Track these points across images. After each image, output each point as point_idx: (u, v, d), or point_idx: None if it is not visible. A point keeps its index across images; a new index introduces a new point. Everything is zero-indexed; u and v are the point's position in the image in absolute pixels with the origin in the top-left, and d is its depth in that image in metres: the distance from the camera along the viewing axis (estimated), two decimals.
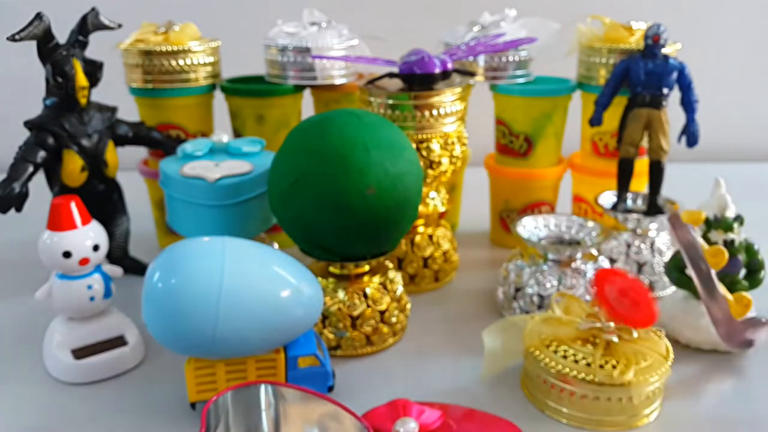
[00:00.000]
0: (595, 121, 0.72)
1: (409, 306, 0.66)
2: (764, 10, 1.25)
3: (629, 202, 0.76)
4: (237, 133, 0.84)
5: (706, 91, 1.26)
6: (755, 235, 0.65)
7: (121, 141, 0.74)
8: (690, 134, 0.70)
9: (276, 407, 0.45)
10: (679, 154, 1.28)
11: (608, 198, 0.76)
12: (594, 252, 0.68)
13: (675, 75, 0.68)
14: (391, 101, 0.68)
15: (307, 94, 0.85)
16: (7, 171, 0.66)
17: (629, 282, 0.54)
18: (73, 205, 0.57)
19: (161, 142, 0.78)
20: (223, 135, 0.72)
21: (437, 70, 0.68)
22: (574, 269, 0.65)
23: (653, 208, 0.74)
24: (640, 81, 0.68)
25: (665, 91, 0.68)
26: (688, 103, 0.70)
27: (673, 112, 0.72)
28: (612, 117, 0.79)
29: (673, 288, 0.71)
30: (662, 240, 0.72)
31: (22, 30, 0.64)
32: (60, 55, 0.67)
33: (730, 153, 1.30)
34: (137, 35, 0.79)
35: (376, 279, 0.62)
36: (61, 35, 0.68)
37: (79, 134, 0.69)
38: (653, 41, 0.67)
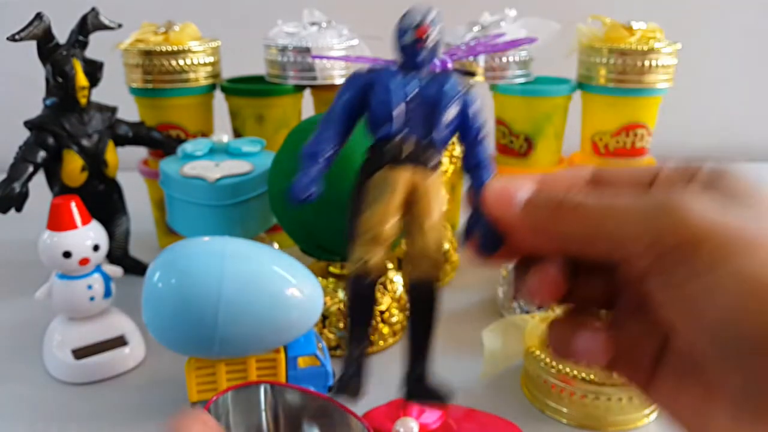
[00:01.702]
0: (297, 193, 0.35)
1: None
2: (764, 9, 1.25)
3: None
4: (237, 133, 0.84)
5: (706, 91, 1.27)
6: None
7: (121, 141, 0.74)
8: (482, 233, 0.31)
9: (276, 407, 0.45)
10: (678, 153, 1.28)
11: None
12: None
13: (456, 106, 0.34)
14: None
15: (307, 94, 0.85)
16: (7, 171, 0.66)
17: None
18: (73, 205, 0.57)
19: (161, 142, 0.78)
20: (223, 135, 0.72)
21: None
22: None
23: (418, 390, 0.36)
24: (389, 114, 0.33)
25: (439, 138, 0.33)
26: (475, 169, 0.35)
27: (671, 107, 0.71)
28: (612, 117, 0.80)
29: None
30: None
31: (22, 30, 0.64)
32: (60, 55, 0.67)
33: (730, 153, 1.30)
34: (137, 35, 0.79)
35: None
36: (61, 35, 0.68)
37: (79, 134, 0.69)
38: (416, 37, 0.33)
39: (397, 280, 0.64)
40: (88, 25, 0.69)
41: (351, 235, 0.32)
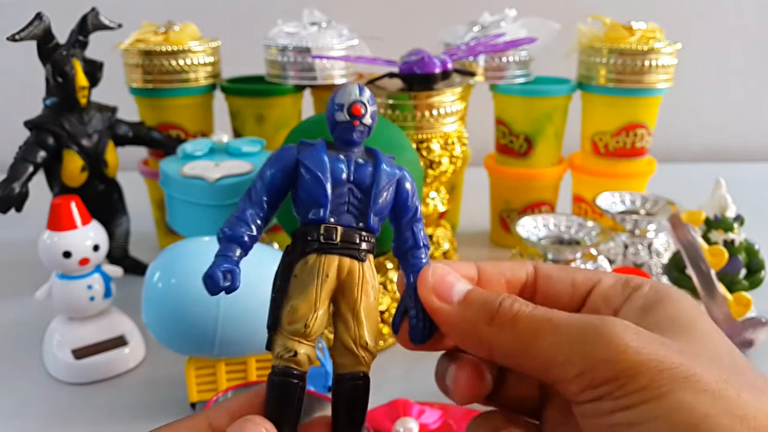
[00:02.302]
0: (213, 286, 0.29)
1: None
2: (764, 9, 1.25)
3: (627, 203, 0.76)
4: (237, 133, 0.84)
5: (706, 91, 1.27)
6: (755, 235, 0.65)
7: (121, 141, 0.74)
8: (414, 321, 0.30)
9: None
10: (679, 153, 1.29)
11: (607, 199, 0.76)
12: (593, 252, 0.68)
13: (392, 189, 0.31)
14: (391, 101, 0.68)
15: (307, 94, 0.85)
16: (7, 171, 0.66)
17: None
18: (73, 205, 0.57)
19: (161, 142, 0.78)
20: (223, 135, 0.72)
21: (437, 70, 0.68)
22: None
23: None
24: (320, 196, 0.30)
25: (374, 222, 0.31)
26: (410, 251, 0.32)
27: (671, 107, 0.71)
28: (612, 117, 0.80)
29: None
30: (660, 241, 0.72)
31: (22, 30, 0.64)
32: (60, 55, 0.67)
33: (730, 153, 1.30)
34: (137, 35, 0.79)
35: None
36: (61, 35, 0.68)
37: (79, 134, 0.69)
38: (351, 113, 0.30)
39: (397, 280, 0.64)
40: (88, 25, 0.69)
41: (274, 325, 0.29)
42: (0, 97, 1.20)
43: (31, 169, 0.67)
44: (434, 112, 0.68)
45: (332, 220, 0.29)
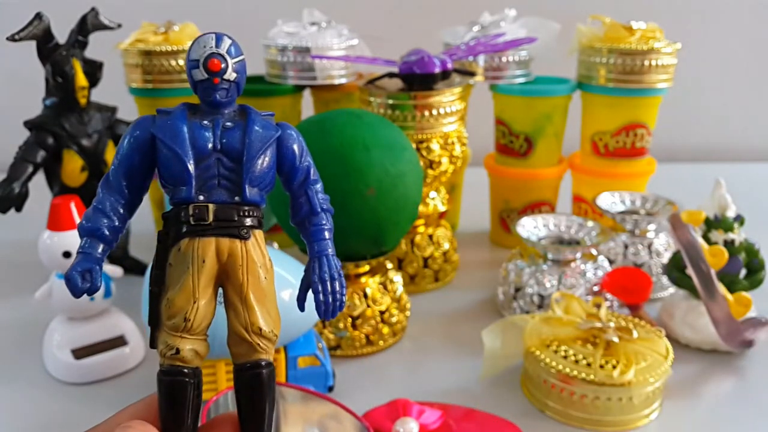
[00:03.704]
0: (75, 286, 0.26)
1: (409, 306, 0.66)
2: (764, 9, 1.25)
3: (627, 203, 0.76)
4: None
5: (706, 91, 1.27)
6: (755, 235, 0.65)
7: None
8: (317, 301, 0.27)
9: (276, 407, 0.45)
10: (679, 153, 1.29)
11: (607, 199, 0.76)
12: (593, 252, 0.68)
13: (270, 152, 0.27)
14: (391, 101, 0.68)
15: (307, 94, 0.85)
16: (7, 171, 0.66)
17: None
18: (73, 205, 0.57)
19: None
20: None
21: (437, 70, 0.68)
22: (574, 269, 0.65)
23: None
24: (182, 173, 0.26)
25: (253, 194, 0.27)
26: (309, 217, 0.29)
27: (671, 107, 0.71)
28: (612, 117, 0.80)
29: (673, 288, 0.71)
30: (660, 241, 0.72)
31: (22, 30, 0.64)
32: (60, 55, 0.67)
33: (730, 153, 1.30)
34: (137, 35, 0.79)
35: (376, 279, 0.62)
36: (61, 35, 0.68)
37: (79, 134, 0.69)
38: (208, 69, 0.26)
39: (397, 280, 0.64)
40: (88, 25, 0.69)
41: (154, 321, 0.26)
42: (0, 97, 1.20)
43: (30, 169, 0.67)
44: (434, 112, 0.68)
45: (202, 197, 0.26)
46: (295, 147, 0.28)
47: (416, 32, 0.94)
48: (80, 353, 0.58)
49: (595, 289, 0.64)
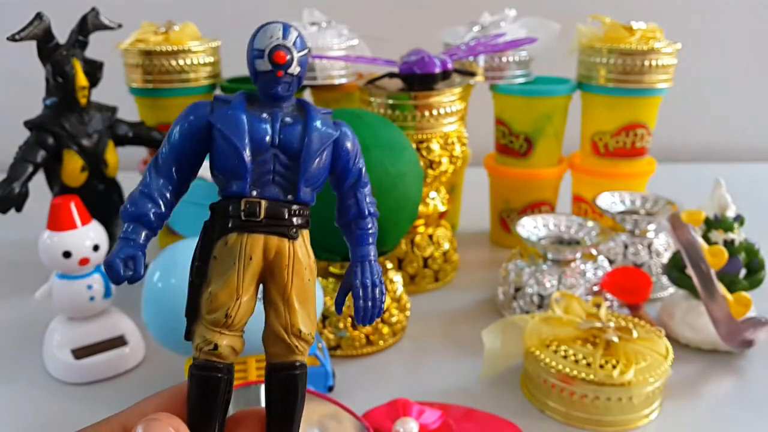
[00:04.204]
0: (116, 273, 0.25)
1: (409, 306, 0.66)
2: (764, 9, 1.25)
3: (627, 203, 0.76)
4: None
5: (706, 91, 1.27)
6: (755, 235, 0.65)
7: (121, 141, 0.74)
8: (357, 302, 0.28)
9: None
10: (679, 153, 1.29)
11: (607, 199, 0.76)
12: (593, 252, 0.68)
13: (327, 152, 0.26)
14: (391, 101, 0.68)
15: (307, 94, 0.85)
16: (7, 171, 0.66)
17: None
18: (73, 205, 0.57)
19: (161, 142, 0.77)
20: None
21: (437, 70, 0.68)
22: (574, 269, 0.65)
23: None
24: (238, 166, 0.25)
25: (305, 193, 0.26)
26: (356, 220, 0.28)
27: (671, 107, 0.71)
28: (612, 117, 0.80)
29: (673, 288, 0.71)
30: (660, 241, 0.72)
31: (22, 30, 0.64)
32: (60, 55, 0.67)
33: (730, 153, 1.30)
34: (137, 35, 0.79)
35: None
36: (61, 35, 0.68)
37: (79, 134, 0.69)
38: (274, 62, 0.25)
39: (397, 280, 0.64)
40: (88, 25, 0.69)
41: (192, 314, 0.26)
42: (0, 97, 1.20)
43: (30, 169, 0.67)
44: (434, 112, 0.68)
45: (255, 193, 0.25)
46: (351, 148, 0.27)
47: (416, 32, 0.94)
48: (80, 353, 0.58)
49: (595, 289, 0.64)
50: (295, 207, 0.25)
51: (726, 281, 0.61)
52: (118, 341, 0.60)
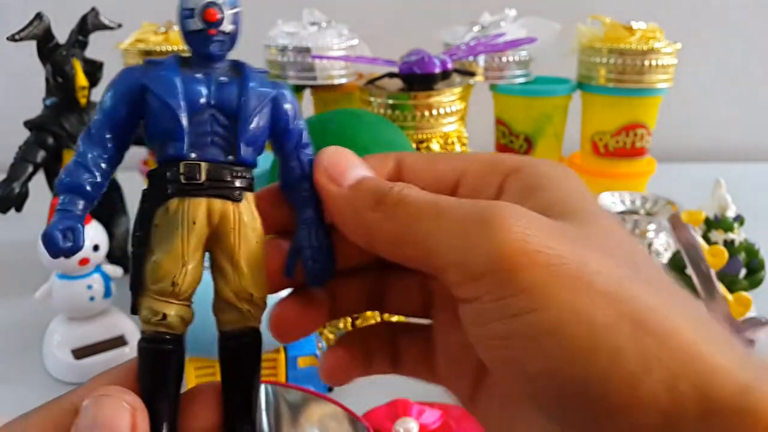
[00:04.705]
0: (54, 246, 0.25)
1: None
2: (764, 9, 1.25)
3: (627, 203, 0.76)
4: None
5: (706, 91, 1.27)
6: (755, 235, 0.65)
7: None
8: (308, 263, 0.26)
9: (276, 407, 0.45)
10: (679, 153, 1.29)
11: (607, 199, 0.76)
12: None
13: (266, 111, 0.25)
14: (391, 101, 0.68)
15: (307, 94, 0.85)
16: (7, 171, 0.66)
17: None
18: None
19: None
20: None
21: (437, 70, 0.68)
22: None
23: None
24: (174, 128, 0.24)
25: (246, 153, 0.25)
26: (299, 181, 0.26)
27: (671, 107, 0.71)
28: (612, 117, 0.80)
29: None
30: (660, 241, 0.72)
31: (22, 30, 0.64)
32: (60, 55, 0.67)
33: (730, 153, 1.30)
34: (137, 35, 0.79)
35: None
36: (61, 35, 0.68)
37: (79, 134, 0.69)
38: (205, 20, 0.24)
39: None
40: (88, 25, 0.69)
41: (137, 285, 0.25)
42: (0, 97, 1.20)
43: (30, 169, 0.67)
44: (434, 112, 0.68)
45: (194, 155, 0.24)
46: (289, 107, 0.26)
47: (416, 32, 0.94)
48: (80, 353, 0.58)
49: None
50: (237, 168, 0.24)
51: (726, 281, 0.61)
52: (118, 341, 0.60)
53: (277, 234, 0.26)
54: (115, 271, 0.61)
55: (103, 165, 0.25)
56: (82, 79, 0.67)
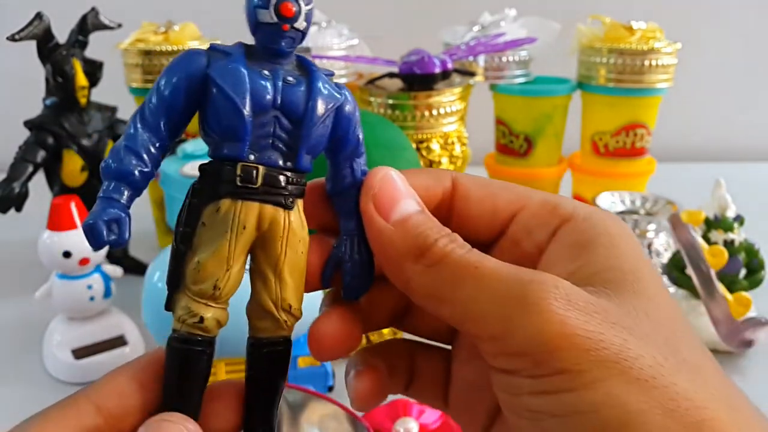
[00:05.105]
0: (96, 236, 0.22)
1: None
2: (764, 9, 1.25)
3: (627, 203, 0.76)
4: None
5: (706, 91, 1.27)
6: (755, 235, 0.65)
7: None
8: (346, 277, 0.25)
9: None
10: (679, 153, 1.29)
11: (607, 199, 0.76)
12: None
13: (330, 119, 0.24)
14: (391, 101, 0.68)
15: None
16: (7, 171, 0.66)
17: None
18: (73, 205, 0.57)
19: None
20: None
21: (437, 70, 0.68)
22: None
23: None
24: (238, 128, 0.22)
25: (306, 161, 0.24)
26: (349, 190, 0.25)
27: (671, 107, 0.71)
28: (612, 117, 0.80)
29: (673, 288, 0.71)
30: (660, 241, 0.72)
31: (22, 30, 0.64)
32: (60, 55, 0.67)
33: (730, 153, 1.30)
34: (137, 35, 0.79)
35: None
36: (61, 35, 0.68)
37: (79, 134, 0.69)
38: (280, 14, 0.23)
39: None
40: (88, 25, 0.69)
41: (175, 282, 0.24)
42: (0, 97, 1.20)
43: (30, 168, 0.67)
44: (434, 112, 0.68)
45: (252, 157, 0.23)
46: (352, 114, 0.24)
47: (416, 32, 0.94)
48: (80, 353, 0.58)
49: None
50: (292, 175, 0.23)
51: (726, 281, 0.61)
52: (118, 341, 0.60)
53: (320, 230, 0.26)
54: (115, 271, 0.61)
55: (154, 152, 0.23)
56: (82, 79, 0.67)
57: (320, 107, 0.23)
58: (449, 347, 0.28)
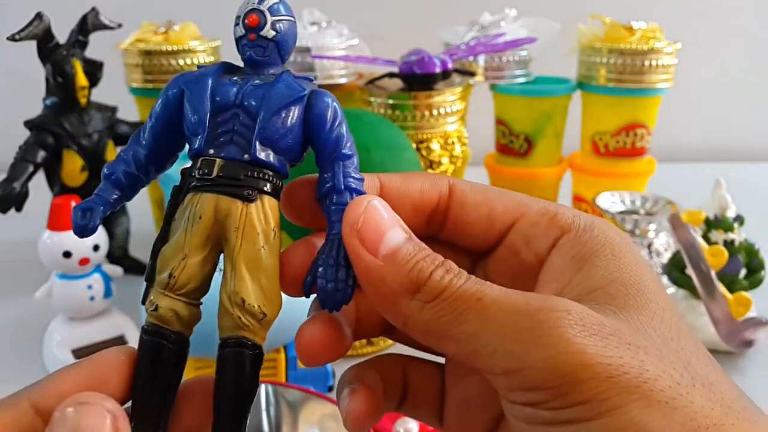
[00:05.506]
0: (74, 220, 0.25)
1: None
2: (764, 10, 1.25)
3: (627, 203, 0.76)
4: None
5: (706, 91, 1.27)
6: (755, 235, 0.65)
7: (121, 141, 0.74)
8: (319, 288, 0.23)
9: (276, 407, 0.45)
10: (679, 153, 1.29)
11: (607, 199, 0.76)
12: None
13: (292, 113, 0.24)
14: (391, 101, 0.68)
15: None
16: (7, 171, 0.66)
17: None
18: (73, 205, 0.57)
19: None
20: None
21: (437, 70, 0.68)
22: None
23: None
24: (197, 123, 0.24)
25: (261, 152, 0.24)
26: (330, 195, 0.24)
27: (671, 107, 0.71)
28: (612, 117, 0.80)
29: (673, 288, 0.71)
30: (660, 241, 0.72)
31: (22, 30, 0.64)
32: (60, 55, 0.67)
33: (730, 153, 1.30)
34: (137, 35, 0.79)
35: None
36: (61, 35, 0.68)
37: (79, 134, 0.69)
38: (246, 25, 0.25)
39: None
40: (88, 25, 0.69)
41: (149, 276, 0.24)
42: (0, 97, 1.20)
43: (31, 168, 0.67)
44: (434, 112, 0.68)
45: (211, 151, 0.24)
46: (325, 112, 0.24)
47: (416, 32, 0.94)
48: (80, 353, 0.58)
49: None
50: (254, 169, 0.24)
51: (726, 281, 0.61)
52: (118, 341, 0.60)
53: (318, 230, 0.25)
54: (115, 271, 0.61)
55: (143, 160, 0.25)
56: (82, 79, 0.67)
57: (275, 98, 0.24)
58: (443, 360, 0.27)
